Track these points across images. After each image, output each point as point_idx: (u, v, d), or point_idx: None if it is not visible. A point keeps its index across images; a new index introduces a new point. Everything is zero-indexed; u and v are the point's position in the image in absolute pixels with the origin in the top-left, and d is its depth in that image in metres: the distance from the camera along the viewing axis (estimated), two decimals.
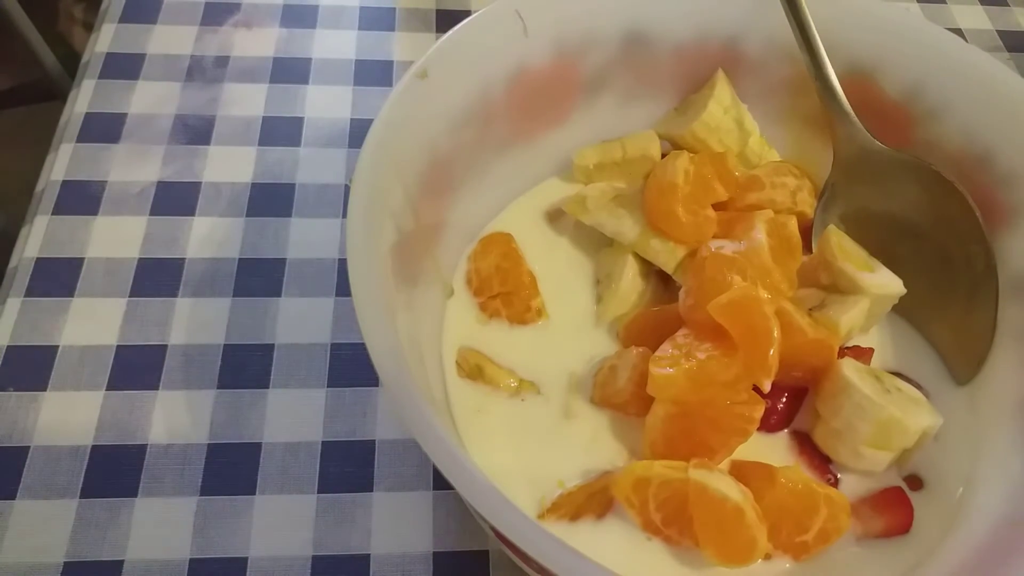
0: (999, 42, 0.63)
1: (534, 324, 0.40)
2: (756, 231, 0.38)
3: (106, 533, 0.36)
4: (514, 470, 0.35)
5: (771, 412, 0.36)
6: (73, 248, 0.45)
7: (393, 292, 0.32)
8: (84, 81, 0.53)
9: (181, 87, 0.53)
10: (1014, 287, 0.38)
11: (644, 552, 0.33)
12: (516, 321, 0.40)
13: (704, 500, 0.31)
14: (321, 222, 0.47)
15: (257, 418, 0.40)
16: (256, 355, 0.42)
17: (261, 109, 0.52)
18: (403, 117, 0.34)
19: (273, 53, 0.55)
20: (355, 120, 0.52)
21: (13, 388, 0.40)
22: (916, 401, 0.36)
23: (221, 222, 0.47)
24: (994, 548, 0.32)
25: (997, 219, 0.38)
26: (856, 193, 0.41)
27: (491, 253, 0.41)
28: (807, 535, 0.33)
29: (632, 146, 0.43)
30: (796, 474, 0.33)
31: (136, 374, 0.41)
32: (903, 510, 0.35)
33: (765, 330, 0.33)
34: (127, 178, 0.48)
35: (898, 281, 0.38)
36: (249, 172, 0.49)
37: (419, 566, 0.36)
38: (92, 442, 0.39)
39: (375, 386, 0.42)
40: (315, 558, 0.36)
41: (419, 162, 0.36)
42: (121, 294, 0.44)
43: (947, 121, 0.40)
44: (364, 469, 0.39)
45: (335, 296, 0.45)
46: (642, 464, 0.33)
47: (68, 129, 0.50)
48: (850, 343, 0.39)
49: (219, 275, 0.45)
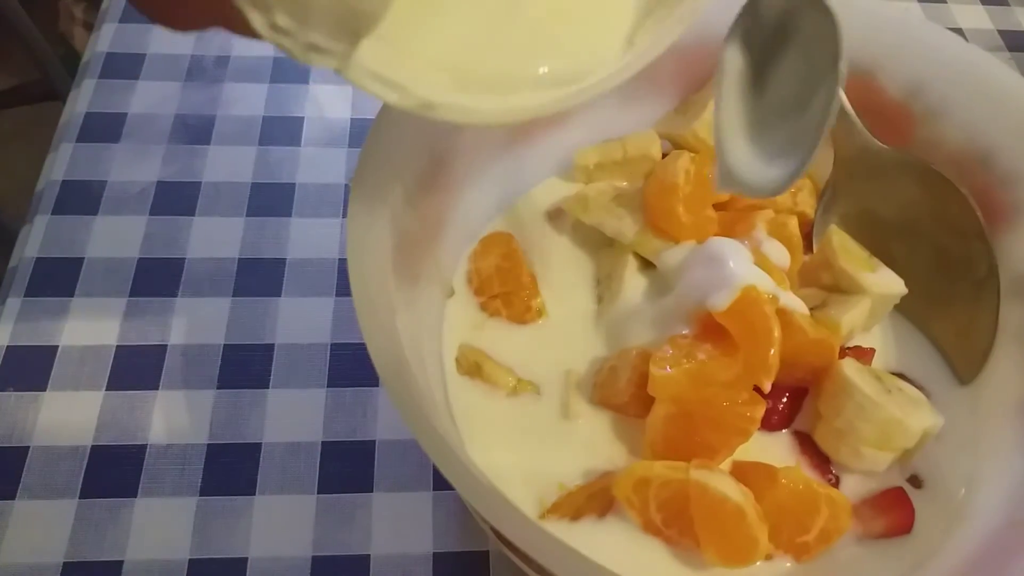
0: (999, 42, 0.63)
1: (534, 324, 0.40)
2: (756, 231, 0.38)
3: (106, 533, 0.36)
4: (514, 470, 0.35)
5: (772, 412, 0.36)
6: (73, 248, 0.45)
7: (393, 292, 0.32)
8: (84, 81, 0.53)
9: (181, 87, 0.53)
10: (1015, 287, 0.38)
11: (645, 552, 0.33)
12: (516, 321, 0.40)
13: (705, 500, 0.31)
14: (321, 222, 0.47)
15: (257, 418, 0.40)
16: (256, 355, 0.42)
17: (261, 109, 0.52)
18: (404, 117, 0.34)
19: (273, 53, 0.55)
20: (355, 120, 0.52)
21: (13, 388, 0.40)
22: (917, 401, 0.36)
23: (221, 222, 0.47)
24: (996, 548, 0.32)
25: (998, 219, 0.38)
26: (857, 193, 0.41)
27: (491, 253, 0.41)
28: (808, 535, 0.33)
29: (633, 146, 0.43)
30: (797, 474, 0.33)
31: (136, 374, 0.41)
32: (904, 510, 0.35)
33: (766, 330, 0.33)
34: (127, 178, 0.48)
35: (899, 281, 0.38)
36: (249, 172, 0.49)
37: (419, 567, 0.36)
38: (92, 442, 0.39)
39: (375, 386, 0.42)
40: (315, 558, 0.36)
41: (419, 162, 0.35)
42: (121, 294, 0.44)
43: (947, 121, 0.40)
44: (364, 469, 0.39)
45: (335, 296, 0.45)
46: (643, 464, 0.33)
47: (68, 129, 0.50)
48: (851, 343, 0.39)
49: (219, 275, 0.45)
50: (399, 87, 0.24)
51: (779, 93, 0.32)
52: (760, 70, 0.32)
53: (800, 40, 0.31)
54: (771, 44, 0.32)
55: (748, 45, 0.32)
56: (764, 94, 0.32)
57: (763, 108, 0.32)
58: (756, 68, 0.32)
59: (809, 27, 0.30)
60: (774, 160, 0.31)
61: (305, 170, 0.50)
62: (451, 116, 0.26)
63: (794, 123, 0.31)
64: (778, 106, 0.32)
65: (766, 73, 0.32)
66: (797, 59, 0.31)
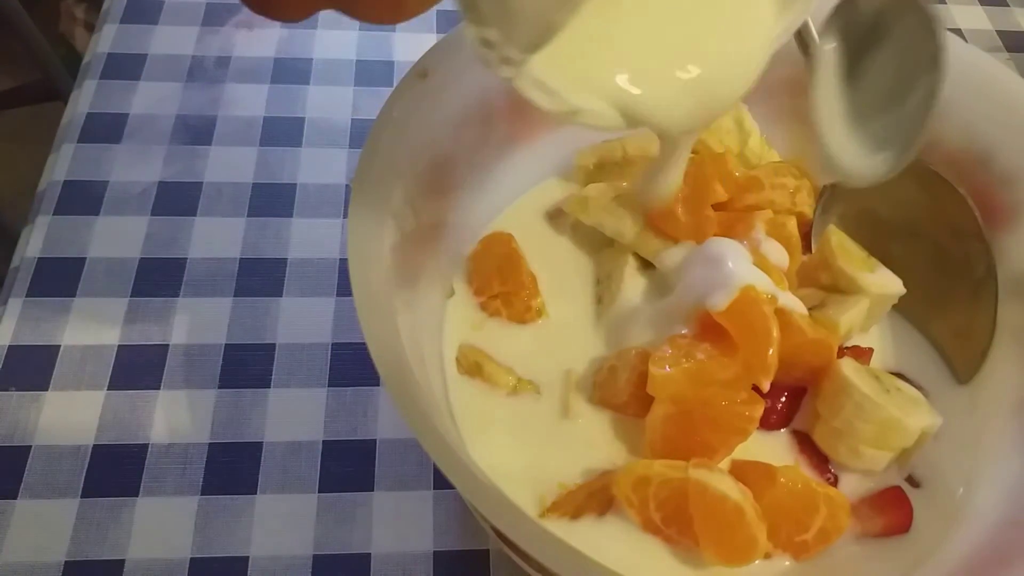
0: (999, 42, 0.63)
1: (534, 324, 0.40)
2: (755, 231, 0.38)
3: (107, 532, 0.36)
4: (514, 469, 0.35)
5: (770, 411, 0.36)
6: (75, 248, 0.45)
7: (394, 292, 0.32)
8: (86, 81, 0.53)
9: (182, 87, 0.53)
10: (1014, 287, 0.38)
11: (644, 551, 0.34)
12: (516, 321, 0.40)
13: (704, 499, 0.32)
14: (322, 222, 0.48)
15: (258, 417, 0.40)
16: (257, 355, 0.42)
17: (262, 109, 0.52)
18: (404, 117, 0.35)
19: (274, 53, 0.56)
20: (356, 120, 0.53)
21: (15, 388, 0.40)
22: (915, 401, 0.36)
23: (222, 222, 0.47)
24: (994, 548, 0.32)
25: (997, 219, 0.38)
26: (856, 193, 0.41)
27: (491, 253, 0.41)
28: (807, 534, 0.33)
29: (632, 146, 0.43)
30: (796, 473, 0.33)
31: (137, 374, 0.41)
32: (902, 510, 0.35)
33: (765, 330, 0.33)
34: (128, 178, 0.48)
35: (898, 281, 0.38)
36: (250, 172, 0.49)
37: (420, 565, 0.37)
38: (93, 442, 0.39)
39: (376, 385, 0.42)
40: (316, 557, 0.37)
41: (420, 162, 0.36)
42: (122, 294, 0.44)
43: (947, 121, 0.40)
44: (365, 468, 0.39)
45: (336, 296, 0.45)
46: (642, 463, 0.33)
47: (70, 129, 0.50)
48: (850, 343, 0.39)
49: (220, 275, 0.45)
50: (554, 93, 0.26)
51: (876, 85, 0.33)
52: (855, 61, 0.33)
53: (896, 36, 0.32)
54: (867, 38, 0.33)
55: (844, 38, 0.33)
56: (860, 85, 0.33)
57: (860, 98, 0.33)
58: (851, 59, 0.33)
59: (905, 25, 0.31)
60: (877, 149, 0.32)
61: (306, 170, 0.50)
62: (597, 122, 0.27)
63: (894, 114, 0.32)
64: (876, 97, 0.33)
65: (862, 65, 0.33)
66: (893, 53, 0.32)
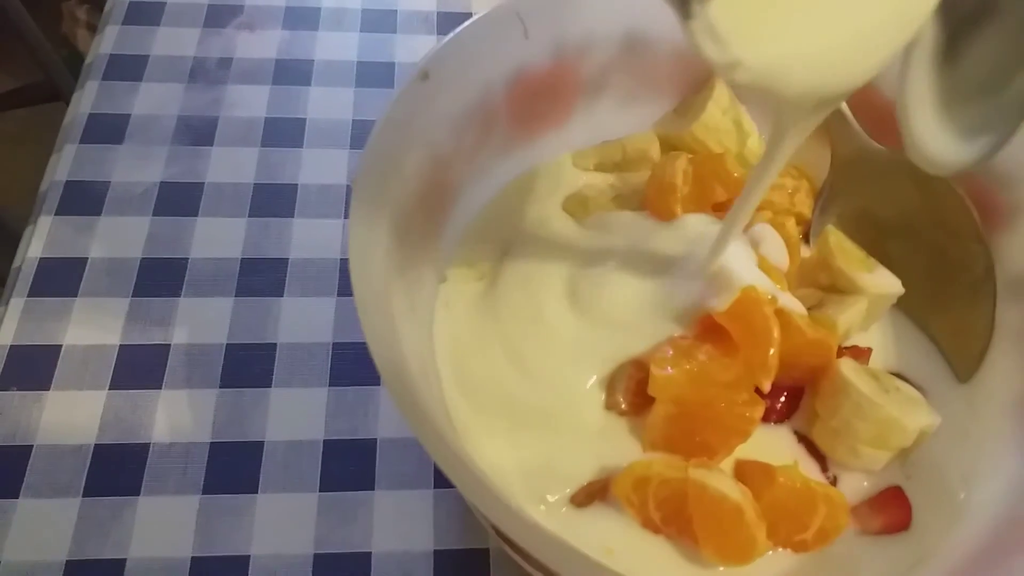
0: None
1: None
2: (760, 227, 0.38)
3: (109, 532, 0.37)
4: (514, 468, 0.35)
5: (769, 411, 0.36)
6: (76, 248, 0.45)
7: (394, 292, 0.32)
8: (88, 82, 0.53)
9: (184, 88, 0.53)
10: (1012, 287, 0.38)
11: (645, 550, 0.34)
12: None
13: (703, 499, 0.32)
14: (323, 222, 0.48)
15: (259, 417, 0.40)
16: (258, 354, 0.42)
17: (264, 110, 0.53)
18: (404, 118, 0.35)
19: (276, 55, 0.56)
20: (357, 121, 0.53)
21: (16, 387, 0.40)
22: (914, 401, 0.36)
23: (224, 222, 0.47)
24: (994, 546, 0.32)
25: (995, 219, 0.38)
26: (854, 193, 0.42)
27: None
28: (806, 533, 0.33)
29: (632, 147, 0.43)
30: (795, 473, 0.33)
31: (139, 373, 0.41)
32: (902, 509, 0.35)
33: (765, 331, 0.33)
34: (130, 179, 0.49)
35: (896, 281, 0.39)
36: (252, 173, 0.49)
37: (420, 564, 0.37)
38: (95, 441, 0.39)
39: (376, 385, 0.42)
40: (317, 556, 0.37)
41: (420, 163, 0.36)
42: (124, 294, 0.44)
43: None
44: (366, 467, 0.39)
45: (337, 296, 0.45)
46: (642, 463, 0.33)
47: (71, 130, 0.51)
48: (848, 343, 0.39)
49: (221, 275, 0.45)
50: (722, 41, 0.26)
51: (975, 69, 0.31)
52: (954, 43, 0.32)
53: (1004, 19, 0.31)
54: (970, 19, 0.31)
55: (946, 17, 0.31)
56: (957, 68, 0.32)
57: (956, 82, 0.32)
58: (951, 41, 0.32)
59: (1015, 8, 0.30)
60: (966, 136, 0.31)
61: (307, 171, 0.50)
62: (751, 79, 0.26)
63: (991, 102, 0.31)
64: (973, 82, 0.32)
65: (961, 48, 0.32)
66: (999, 38, 0.31)
